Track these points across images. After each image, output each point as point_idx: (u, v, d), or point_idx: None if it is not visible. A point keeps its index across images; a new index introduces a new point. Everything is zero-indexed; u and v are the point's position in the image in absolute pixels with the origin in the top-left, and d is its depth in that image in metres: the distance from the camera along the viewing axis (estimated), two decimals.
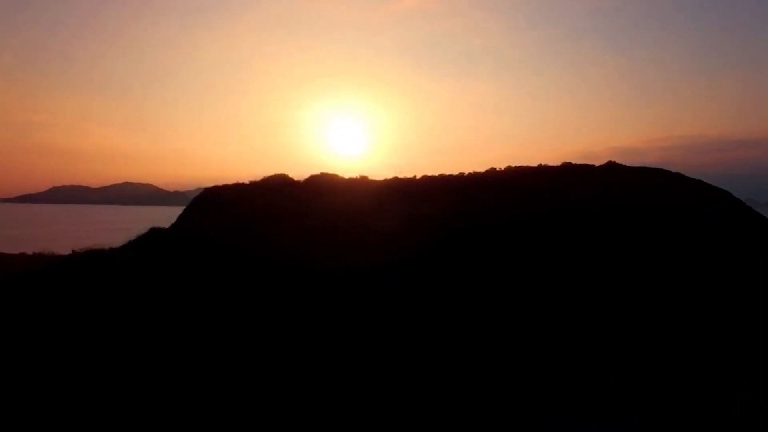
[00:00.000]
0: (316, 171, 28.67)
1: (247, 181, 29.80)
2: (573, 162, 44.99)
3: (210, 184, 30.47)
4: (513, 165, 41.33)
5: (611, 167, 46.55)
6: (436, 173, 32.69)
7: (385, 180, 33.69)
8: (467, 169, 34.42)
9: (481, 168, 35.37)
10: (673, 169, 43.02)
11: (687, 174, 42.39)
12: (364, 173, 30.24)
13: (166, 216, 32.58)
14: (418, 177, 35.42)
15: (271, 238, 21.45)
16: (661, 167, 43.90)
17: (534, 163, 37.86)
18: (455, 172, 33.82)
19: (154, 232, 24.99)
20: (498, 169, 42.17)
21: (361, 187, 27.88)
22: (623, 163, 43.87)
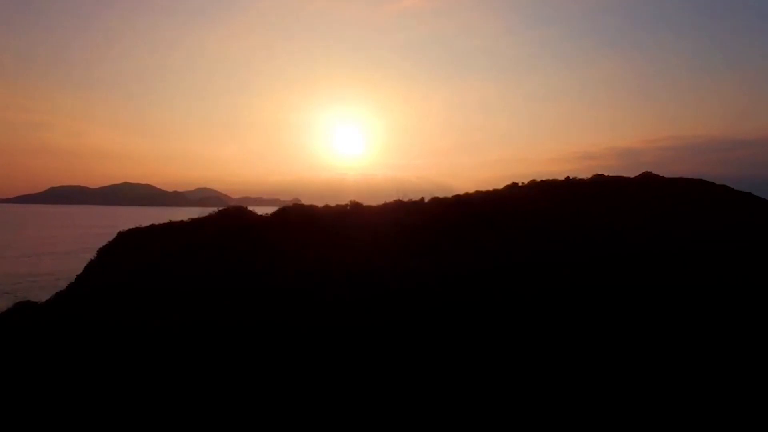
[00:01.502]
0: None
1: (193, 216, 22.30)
2: (605, 174, 40.34)
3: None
4: (538, 179, 35.99)
5: (647, 178, 41.08)
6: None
7: (385, 205, 26.28)
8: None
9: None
10: (673, 169, 39.83)
11: (686, 174, 39.37)
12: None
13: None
14: (426, 200, 28.06)
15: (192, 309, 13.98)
16: (659, 168, 39.14)
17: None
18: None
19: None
20: (521, 185, 35.46)
21: (345, 228, 20.19)
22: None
